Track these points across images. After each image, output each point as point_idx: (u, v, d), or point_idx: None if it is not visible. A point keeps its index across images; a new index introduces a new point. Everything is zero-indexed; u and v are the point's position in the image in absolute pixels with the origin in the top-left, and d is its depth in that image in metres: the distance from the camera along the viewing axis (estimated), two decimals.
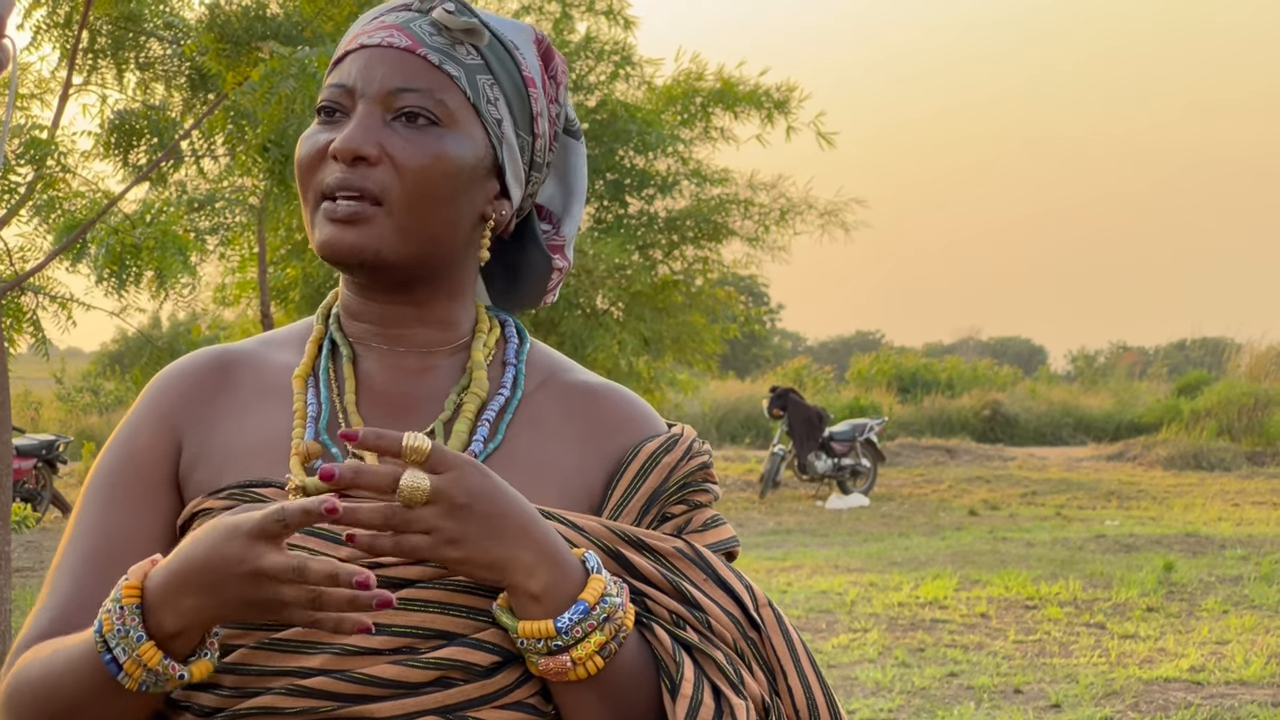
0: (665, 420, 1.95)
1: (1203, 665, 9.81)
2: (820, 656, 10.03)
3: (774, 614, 1.80)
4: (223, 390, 1.91)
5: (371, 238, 1.79)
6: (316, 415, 1.85)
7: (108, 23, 9.80)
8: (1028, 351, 74.51)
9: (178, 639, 1.63)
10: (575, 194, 2.05)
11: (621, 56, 20.25)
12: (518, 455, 1.82)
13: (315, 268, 18.18)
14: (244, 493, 1.79)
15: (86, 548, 1.83)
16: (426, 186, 1.79)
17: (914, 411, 34.59)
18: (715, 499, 1.89)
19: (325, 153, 1.81)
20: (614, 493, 1.82)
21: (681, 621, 1.75)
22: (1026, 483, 24.29)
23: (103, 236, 9.27)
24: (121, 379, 26.67)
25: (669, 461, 1.84)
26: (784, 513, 20.73)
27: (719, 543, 1.86)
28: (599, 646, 1.65)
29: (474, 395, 1.85)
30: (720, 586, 1.77)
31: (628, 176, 20.44)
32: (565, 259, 2.02)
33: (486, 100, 1.84)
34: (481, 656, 1.69)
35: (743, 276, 23.62)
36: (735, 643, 1.75)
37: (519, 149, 1.89)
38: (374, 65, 1.82)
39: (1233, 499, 22.12)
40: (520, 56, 1.90)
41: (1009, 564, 14.66)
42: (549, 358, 1.96)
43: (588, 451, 1.85)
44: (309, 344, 1.93)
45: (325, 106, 1.86)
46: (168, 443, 1.88)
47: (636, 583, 1.75)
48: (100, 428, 27.49)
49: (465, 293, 1.92)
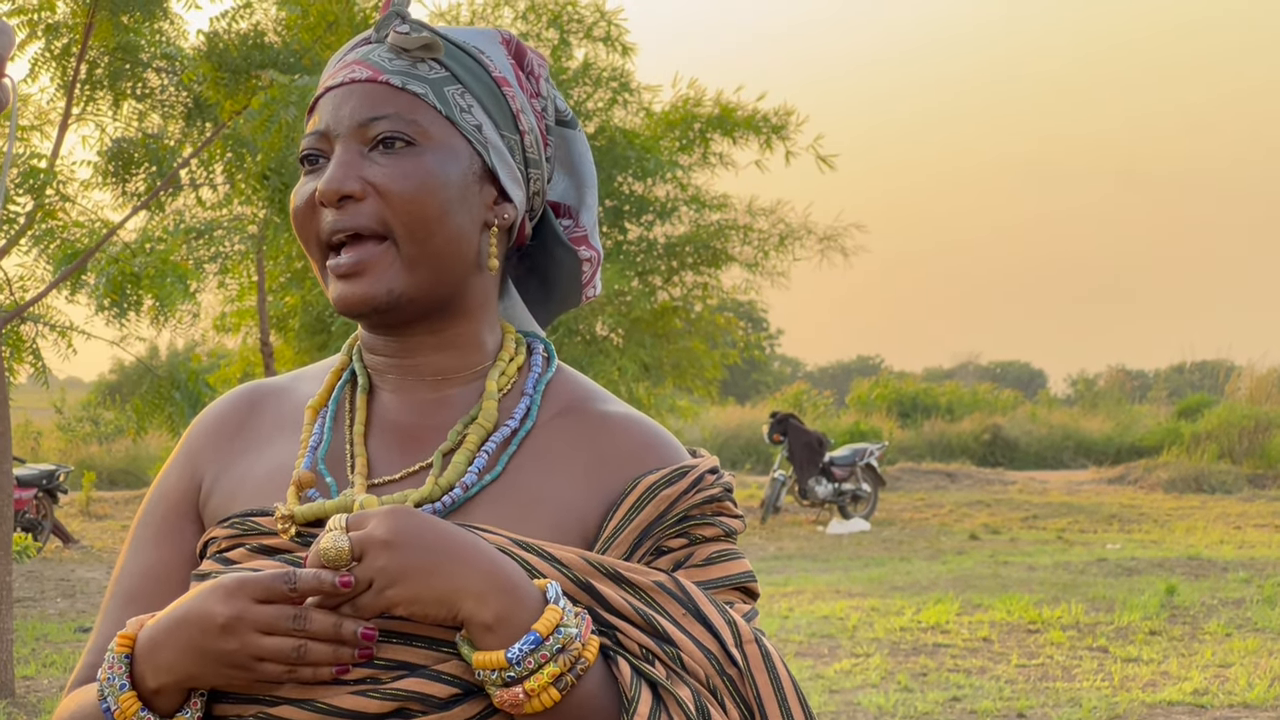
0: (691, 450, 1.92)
1: (1206, 688, 9.79)
2: (822, 682, 10.01)
3: (760, 651, 1.74)
4: (248, 424, 1.94)
5: (380, 282, 1.79)
6: (317, 445, 1.86)
7: (105, 54, 9.82)
8: (1027, 375, 74.50)
9: (159, 696, 1.67)
10: (586, 182, 2.04)
11: (620, 83, 20.27)
12: (516, 488, 1.81)
13: (315, 296, 18.19)
14: (244, 521, 1.81)
15: (123, 589, 1.89)
16: (417, 209, 1.78)
17: (914, 436, 34.57)
18: (729, 533, 1.84)
19: (314, 201, 1.81)
20: (608, 526, 1.79)
21: (651, 656, 1.71)
22: (1027, 506, 24.28)
23: (103, 265, 9.28)
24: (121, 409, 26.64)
25: (669, 494, 1.79)
26: (785, 538, 20.70)
27: (725, 578, 1.81)
28: (553, 678, 1.62)
29: (479, 426, 1.83)
30: (700, 622, 1.72)
31: (627, 203, 20.45)
32: (592, 248, 2.01)
33: (460, 109, 1.83)
34: (440, 688, 1.67)
35: (742, 302, 23.67)
36: (708, 679, 1.70)
37: (508, 150, 1.87)
38: (342, 104, 1.83)
39: (1234, 522, 22.11)
40: (487, 60, 1.89)
41: (1011, 588, 14.64)
42: (573, 386, 1.93)
43: (590, 483, 1.82)
44: (329, 375, 1.94)
45: (307, 155, 1.86)
46: (190, 479, 1.92)
47: (607, 615, 1.72)
48: (100, 457, 27.45)
49: (483, 310, 1.91)
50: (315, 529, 1.77)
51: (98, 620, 1.89)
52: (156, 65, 9.94)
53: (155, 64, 9.93)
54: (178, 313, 9.80)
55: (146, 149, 9.83)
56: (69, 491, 19.83)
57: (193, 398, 10.96)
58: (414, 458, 1.84)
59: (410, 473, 1.83)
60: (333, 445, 1.87)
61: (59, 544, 18.58)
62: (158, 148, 9.85)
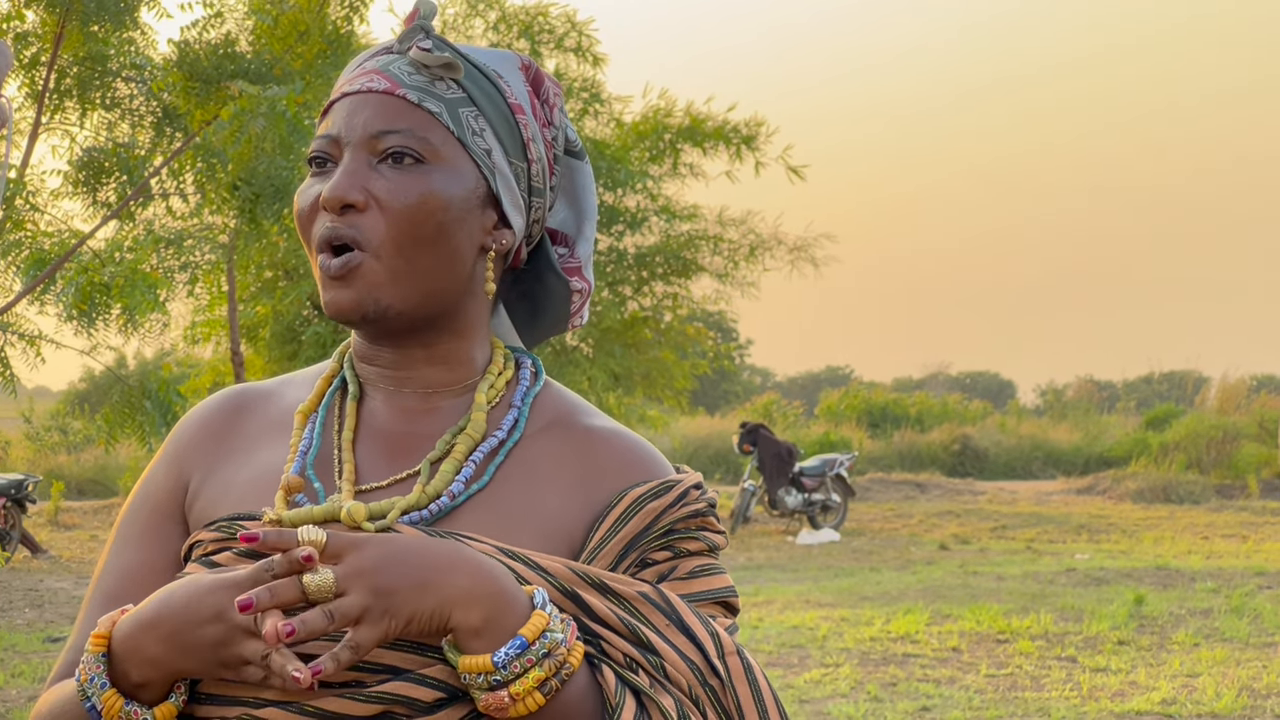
0: (676, 464, 1.93)
1: (1174, 698, 9.83)
2: (792, 691, 10.02)
3: (742, 663, 1.76)
4: (234, 427, 1.95)
5: (368, 289, 1.80)
6: (306, 450, 1.87)
7: (74, 63, 9.80)
8: (996, 386, 74.63)
9: (144, 689, 1.67)
10: (586, 214, 2.07)
11: (590, 94, 20.30)
12: (502, 498, 1.82)
13: (285, 306, 18.17)
14: (230, 525, 1.81)
15: (104, 588, 1.89)
16: (412, 227, 1.79)
17: (884, 446, 34.62)
18: (712, 548, 1.86)
19: (318, 205, 1.83)
20: (593, 537, 1.80)
21: (635, 665, 1.72)
22: (997, 517, 24.34)
23: (72, 275, 9.25)
24: (90, 418, 26.57)
25: (655, 507, 1.81)
26: (755, 548, 20.71)
27: (707, 592, 1.83)
28: (538, 683, 1.63)
29: (467, 436, 1.84)
30: (683, 633, 1.74)
31: (597, 213, 20.47)
32: (584, 280, 2.03)
33: (472, 132, 1.84)
34: (425, 692, 1.67)
35: (712, 312, 23.71)
36: (691, 689, 1.72)
37: (514, 176, 1.89)
38: (356, 112, 1.83)
39: (1202, 532, 22.18)
40: (504, 85, 1.90)
41: (980, 598, 14.68)
42: (561, 400, 1.95)
43: (577, 497, 1.83)
44: (320, 381, 1.95)
45: (316, 158, 1.87)
46: (176, 479, 1.93)
47: (592, 624, 1.73)
48: (69, 467, 27.36)
49: (474, 330, 1.92)
50: None
51: (79, 618, 1.90)
52: (126, 75, 9.92)
53: (124, 73, 9.92)
54: (147, 321, 9.78)
55: (117, 158, 9.81)
56: (37, 501, 19.75)
57: (163, 407, 10.93)
58: (402, 465, 1.85)
59: (398, 480, 1.84)
60: (321, 451, 1.88)
61: (27, 554, 18.51)
62: (128, 157, 9.83)
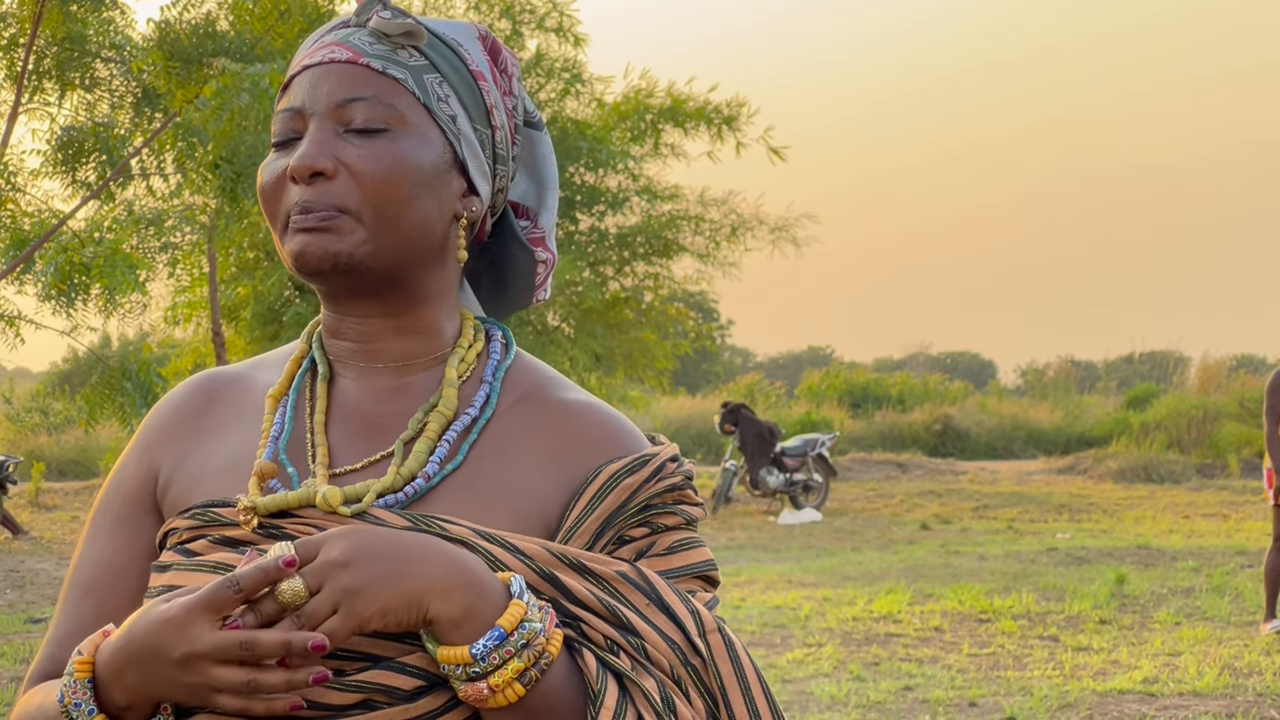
0: (650, 436, 1.91)
1: (1156, 677, 9.85)
2: (775, 671, 10.03)
3: (723, 640, 1.74)
4: (206, 413, 1.93)
5: (343, 243, 1.77)
6: (279, 434, 1.85)
7: (53, 44, 9.76)
8: (977, 366, 74.72)
9: (129, 711, 1.66)
10: (547, 185, 2.05)
11: (572, 74, 20.28)
12: (478, 476, 1.80)
13: (266, 287, 18.14)
14: (205, 512, 1.80)
15: (80, 579, 1.89)
16: (389, 191, 1.78)
17: (865, 426, 34.66)
18: (690, 521, 1.84)
19: (285, 178, 1.80)
20: (570, 515, 1.78)
21: (615, 647, 1.71)
22: (978, 496, 24.38)
23: (51, 255, 9.23)
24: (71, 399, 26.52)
25: (631, 483, 1.79)
26: (736, 528, 20.73)
27: (687, 566, 1.81)
28: (517, 673, 1.62)
29: (439, 414, 1.82)
30: (664, 612, 1.72)
31: (578, 193, 20.46)
32: (548, 250, 2.02)
33: (437, 98, 1.84)
34: (405, 680, 1.66)
35: (693, 292, 23.69)
36: (673, 669, 1.71)
37: (478, 143, 1.88)
38: (319, 82, 1.82)
39: (1183, 511, 22.24)
40: (465, 52, 1.90)
41: (962, 578, 14.70)
42: (533, 373, 1.93)
43: (552, 473, 1.82)
44: (290, 363, 1.93)
45: (279, 132, 1.85)
46: (147, 469, 1.91)
47: (571, 606, 1.72)
48: (50, 448, 27.31)
49: (443, 298, 1.90)
50: (277, 520, 1.76)
51: (56, 611, 1.89)
52: (105, 55, 9.89)
53: (104, 54, 9.88)
54: (127, 302, 9.75)
55: (96, 138, 9.78)
56: (18, 482, 19.73)
57: (144, 388, 10.90)
58: (375, 446, 1.83)
59: (372, 462, 1.82)
60: (294, 435, 1.86)
61: (8, 535, 18.48)
62: (108, 137, 9.80)
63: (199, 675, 1.58)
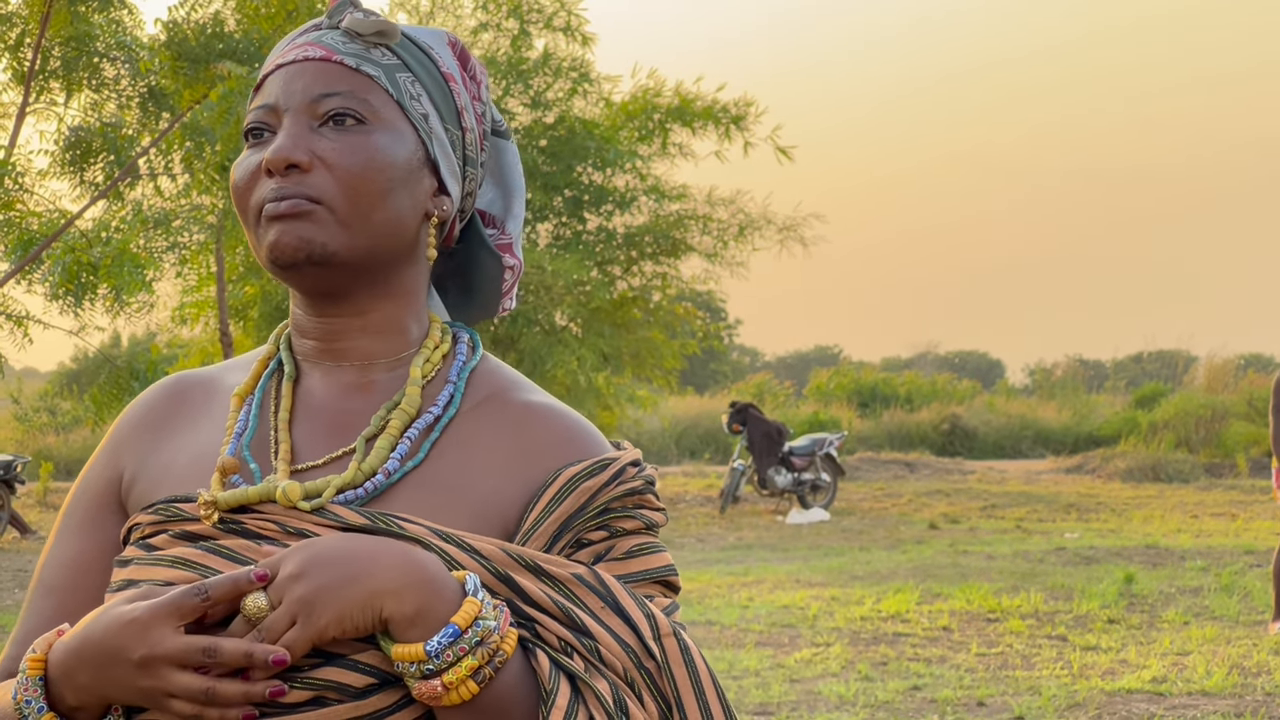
0: (615, 440, 1.92)
1: (1165, 676, 9.84)
2: (783, 671, 10.03)
3: (679, 644, 1.74)
4: (174, 414, 1.95)
5: (317, 232, 1.78)
6: (242, 431, 1.87)
7: (60, 43, 9.77)
8: (985, 365, 74.68)
9: (80, 712, 1.68)
10: (514, 192, 2.07)
11: (579, 73, 20.29)
12: (437, 476, 1.81)
13: (274, 286, 18.15)
14: (167, 507, 1.82)
15: (45, 579, 1.92)
16: (363, 184, 1.80)
17: (873, 426, 34.65)
18: (650, 526, 1.85)
19: (259, 172, 1.82)
20: (528, 517, 1.78)
21: (569, 648, 1.71)
22: (986, 496, 24.36)
23: (59, 255, 9.23)
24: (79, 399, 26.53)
25: (590, 486, 1.79)
26: (744, 528, 20.72)
27: (645, 571, 1.82)
28: (471, 671, 1.63)
29: (402, 412, 1.84)
30: (618, 615, 1.73)
31: (586, 193, 20.47)
32: (515, 257, 2.04)
33: (410, 96, 1.86)
34: (356, 678, 1.66)
35: (701, 292, 23.68)
36: (626, 672, 1.71)
37: (449, 143, 1.90)
38: (293, 79, 1.84)
39: (1191, 510, 22.22)
40: (436, 55, 1.93)
41: (970, 577, 14.68)
42: (497, 375, 1.94)
43: (512, 474, 1.82)
44: (257, 363, 1.95)
45: (253, 128, 1.86)
46: (112, 469, 1.94)
47: (526, 607, 1.72)
48: (58, 448, 27.33)
49: (412, 298, 1.92)
50: (238, 515, 1.78)
51: (22, 611, 1.91)
52: (112, 55, 9.90)
53: (111, 54, 9.89)
54: (134, 302, 9.75)
55: (104, 138, 9.78)
56: (26, 482, 19.75)
57: None
58: (338, 443, 1.85)
59: (334, 458, 1.84)
60: (258, 432, 1.88)
61: (16, 535, 18.51)
62: (115, 137, 9.81)
63: (157, 679, 1.60)
